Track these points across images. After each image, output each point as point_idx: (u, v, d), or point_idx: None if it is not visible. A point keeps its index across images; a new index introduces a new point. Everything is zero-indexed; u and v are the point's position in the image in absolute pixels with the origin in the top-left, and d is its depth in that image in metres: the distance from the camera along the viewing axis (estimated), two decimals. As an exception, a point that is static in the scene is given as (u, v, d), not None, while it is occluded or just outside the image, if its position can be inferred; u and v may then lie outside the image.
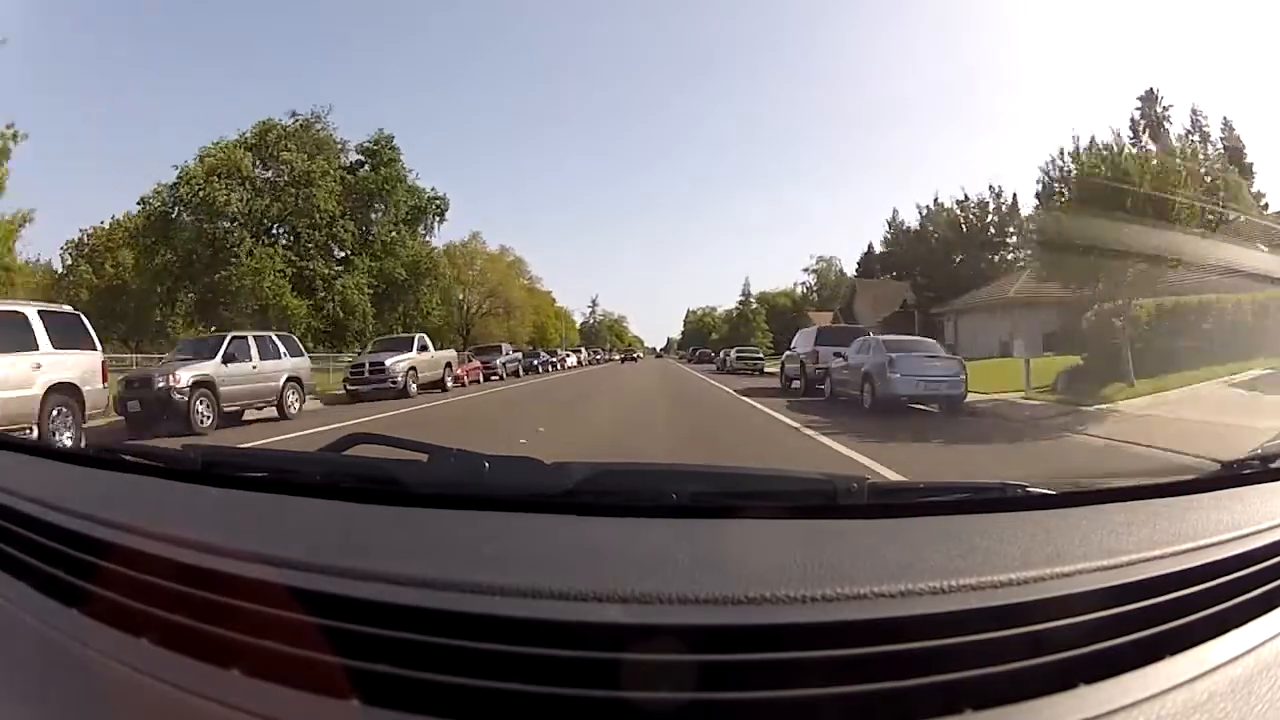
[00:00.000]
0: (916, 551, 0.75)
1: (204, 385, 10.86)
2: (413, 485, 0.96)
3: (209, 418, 10.81)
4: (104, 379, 9.51)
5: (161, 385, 10.38)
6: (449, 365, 20.26)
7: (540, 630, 0.61)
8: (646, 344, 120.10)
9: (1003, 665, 0.60)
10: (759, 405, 13.27)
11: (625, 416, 12.21)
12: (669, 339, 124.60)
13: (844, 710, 0.57)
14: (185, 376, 10.62)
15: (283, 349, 13.20)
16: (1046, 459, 7.25)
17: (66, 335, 8.98)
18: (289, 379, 12.83)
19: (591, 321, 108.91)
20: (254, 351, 12.34)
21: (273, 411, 12.46)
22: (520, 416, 12.40)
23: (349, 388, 17.36)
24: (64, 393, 8.71)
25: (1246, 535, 0.82)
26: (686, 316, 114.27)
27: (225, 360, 11.51)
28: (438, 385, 19.04)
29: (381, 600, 0.66)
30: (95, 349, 9.45)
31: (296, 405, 12.95)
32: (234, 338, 12.45)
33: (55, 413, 8.59)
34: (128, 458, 1.24)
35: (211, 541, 0.78)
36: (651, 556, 0.77)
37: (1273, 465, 1.07)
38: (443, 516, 0.91)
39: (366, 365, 17.64)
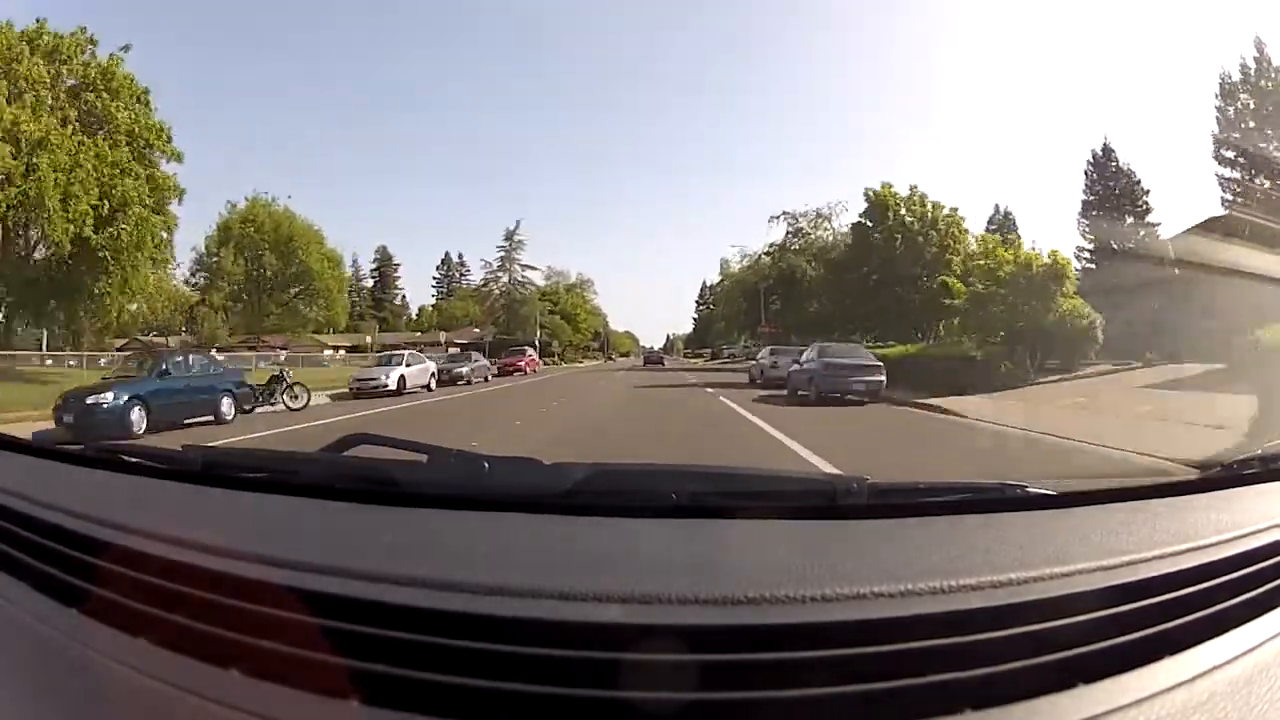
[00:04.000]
0: (916, 551, 0.75)
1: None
2: (412, 486, 0.96)
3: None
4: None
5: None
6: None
7: (540, 630, 0.61)
8: (641, 342, 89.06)
9: (1003, 665, 0.60)
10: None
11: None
12: (669, 336, 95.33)
13: (844, 710, 0.57)
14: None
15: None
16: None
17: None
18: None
19: (505, 282, 55.90)
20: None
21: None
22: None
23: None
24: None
25: (1246, 535, 0.82)
26: (702, 295, 71.40)
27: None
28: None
29: (381, 600, 0.66)
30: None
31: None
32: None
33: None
34: (127, 458, 1.24)
35: (211, 541, 0.78)
36: (651, 557, 0.77)
37: (1273, 465, 1.07)
38: (442, 517, 0.91)
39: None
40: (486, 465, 0.99)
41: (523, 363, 33.45)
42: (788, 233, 39.78)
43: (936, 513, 0.89)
